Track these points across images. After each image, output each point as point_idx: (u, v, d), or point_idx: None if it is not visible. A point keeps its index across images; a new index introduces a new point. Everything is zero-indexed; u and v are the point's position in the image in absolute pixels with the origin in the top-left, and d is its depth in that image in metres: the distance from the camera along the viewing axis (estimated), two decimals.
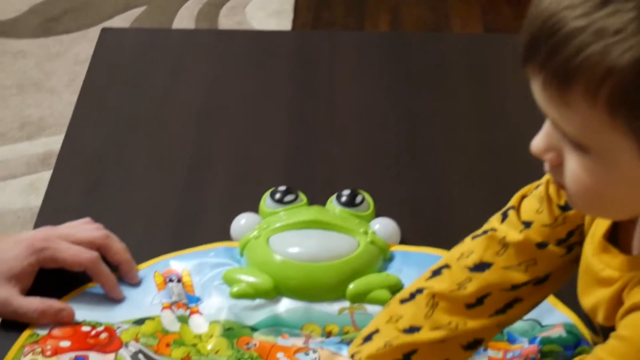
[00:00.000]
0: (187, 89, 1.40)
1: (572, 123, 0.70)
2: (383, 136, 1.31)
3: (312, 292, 1.04)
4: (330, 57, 1.47)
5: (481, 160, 1.27)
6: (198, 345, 0.97)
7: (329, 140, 1.30)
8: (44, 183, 1.24)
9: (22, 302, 0.99)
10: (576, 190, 0.73)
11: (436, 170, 1.25)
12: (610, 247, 0.80)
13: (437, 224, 1.16)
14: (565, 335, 0.98)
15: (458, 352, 0.89)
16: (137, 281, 1.06)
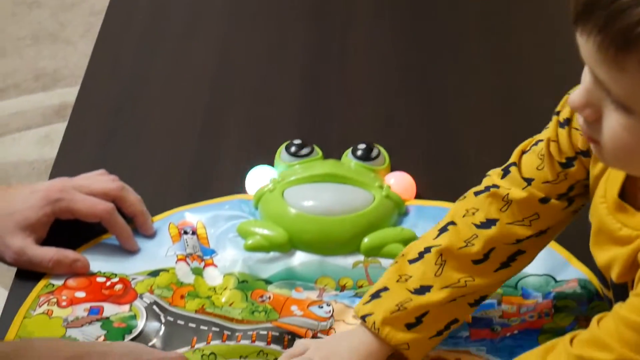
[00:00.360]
0: (203, 41, 1.40)
1: (622, 85, 0.70)
2: (399, 91, 1.30)
3: (326, 245, 1.04)
4: (344, 15, 1.46)
5: (497, 114, 1.26)
6: (212, 297, 0.98)
7: (344, 96, 1.29)
8: (59, 134, 1.24)
9: (37, 252, 1.00)
10: (613, 147, 0.73)
11: (452, 125, 1.24)
12: (627, 206, 0.80)
13: (453, 178, 1.15)
14: (580, 290, 0.98)
15: (465, 310, 0.90)
16: (152, 233, 1.06)
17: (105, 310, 0.96)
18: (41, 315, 0.95)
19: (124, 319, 0.94)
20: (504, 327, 0.94)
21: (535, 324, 0.95)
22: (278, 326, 0.94)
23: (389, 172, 1.12)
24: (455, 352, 0.92)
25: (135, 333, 0.93)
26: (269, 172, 1.11)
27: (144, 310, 0.95)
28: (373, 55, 1.37)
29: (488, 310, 0.96)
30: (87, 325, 0.93)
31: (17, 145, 2.31)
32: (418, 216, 1.08)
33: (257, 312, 0.96)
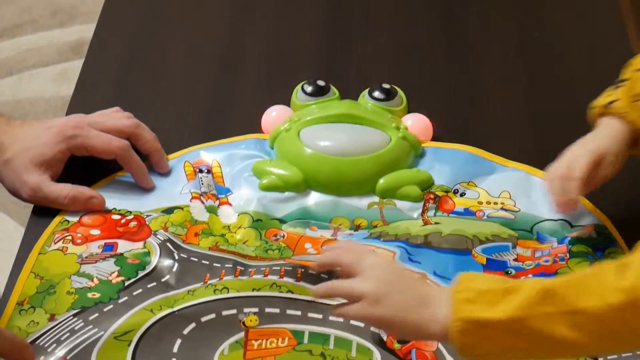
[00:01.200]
0: None
1: None
2: (418, 33, 1.29)
3: (341, 186, 1.03)
4: None
5: (517, 58, 1.25)
6: (226, 235, 0.98)
7: (363, 36, 1.27)
8: (75, 71, 1.24)
9: (53, 188, 1.00)
10: None
11: (471, 68, 1.22)
12: None
13: (470, 121, 1.14)
14: (595, 236, 0.98)
15: None
16: (167, 170, 1.06)
17: (120, 246, 0.96)
18: (56, 252, 0.95)
19: (138, 255, 0.95)
20: (518, 271, 0.94)
21: (549, 268, 0.95)
22: (291, 262, 0.94)
23: (406, 114, 1.11)
24: None
25: (148, 269, 0.93)
26: (285, 112, 1.11)
27: (158, 247, 0.95)
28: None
29: (503, 253, 0.96)
30: (101, 262, 0.94)
31: (34, 81, 2.31)
32: (434, 158, 1.07)
33: (270, 250, 0.96)
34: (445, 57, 1.24)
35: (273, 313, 0.89)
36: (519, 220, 1.01)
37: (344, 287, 0.79)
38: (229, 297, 0.90)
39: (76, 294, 0.90)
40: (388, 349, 0.87)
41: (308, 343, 0.86)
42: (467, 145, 1.09)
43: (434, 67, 1.21)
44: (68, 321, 0.88)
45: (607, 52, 1.24)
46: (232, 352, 0.86)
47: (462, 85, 1.20)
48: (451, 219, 1.01)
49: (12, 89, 2.30)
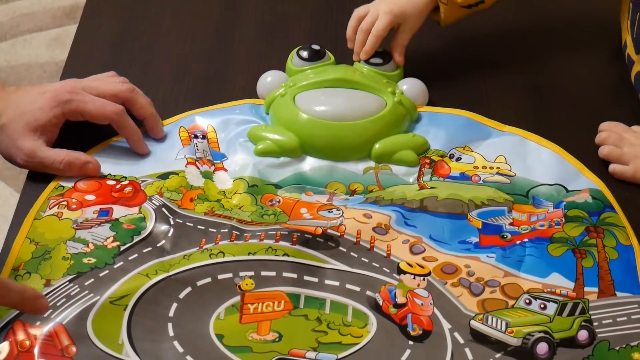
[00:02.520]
0: None
1: None
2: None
3: (337, 151, 1.03)
4: None
5: (515, 22, 1.24)
6: (222, 200, 0.98)
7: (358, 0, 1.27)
8: (69, 37, 1.23)
9: (48, 153, 0.99)
10: None
11: (468, 32, 1.22)
12: None
13: (466, 85, 1.14)
14: (591, 201, 0.98)
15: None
16: (162, 136, 1.05)
17: (115, 212, 0.96)
18: (51, 217, 0.95)
19: (133, 220, 0.94)
20: (513, 235, 0.94)
21: (545, 232, 0.95)
22: (287, 227, 0.94)
23: (402, 78, 1.11)
24: (465, 257, 0.92)
25: (144, 234, 0.93)
26: (280, 77, 1.10)
27: (153, 212, 0.95)
28: None
29: (498, 217, 0.96)
30: (97, 227, 0.94)
31: (28, 47, 2.30)
32: (430, 123, 1.07)
33: (266, 215, 0.96)
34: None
35: (269, 276, 0.89)
36: (515, 184, 1.01)
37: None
38: (225, 261, 0.90)
39: (72, 259, 0.90)
40: (384, 314, 0.87)
41: (304, 307, 0.87)
42: (462, 110, 1.08)
43: (430, 32, 1.20)
44: (64, 287, 0.88)
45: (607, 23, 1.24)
46: (228, 316, 0.86)
47: (458, 50, 1.20)
48: (447, 183, 1.01)
49: (6, 55, 2.29)
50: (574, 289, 0.89)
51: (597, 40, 1.21)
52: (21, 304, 0.83)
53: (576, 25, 1.23)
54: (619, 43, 1.18)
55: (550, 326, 0.86)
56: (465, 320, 0.86)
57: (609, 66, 1.18)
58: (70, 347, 0.82)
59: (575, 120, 1.09)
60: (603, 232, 0.95)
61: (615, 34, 1.19)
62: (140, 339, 0.83)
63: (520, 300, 0.88)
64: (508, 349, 0.84)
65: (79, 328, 0.83)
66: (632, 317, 0.87)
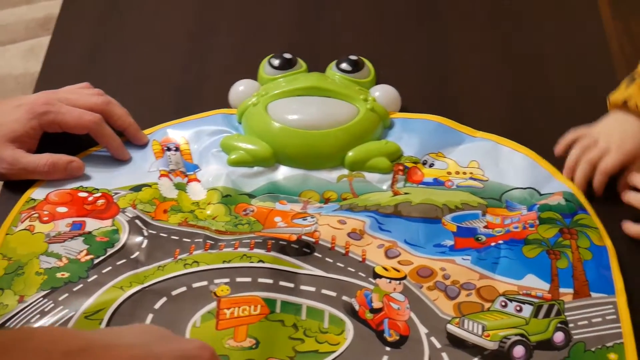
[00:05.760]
0: None
1: None
2: (386, 3, 1.28)
3: (310, 159, 1.03)
4: None
5: (487, 28, 1.24)
6: (195, 211, 0.97)
7: (330, 5, 1.27)
8: (43, 48, 1.22)
9: (30, 159, 0.99)
10: None
11: (440, 37, 1.22)
12: None
13: (439, 91, 1.14)
14: (564, 203, 0.98)
15: None
16: (146, 141, 1.05)
17: (88, 225, 0.95)
18: (23, 232, 0.94)
19: (106, 233, 0.94)
20: (488, 237, 0.95)
21: (519, 234, 0.95)
22: (261, 235, 0.94)
23: (374, 85, 1.11)
24: (440, 260, 0.92)
25: (117, 247, 0.92)
26: (252, 86, 1.10)
27: (127, 224, 0.95)
28: None
29: (473, 221, 0.97)
30: (70, 240, 0.93)
31: (2, 58, 2.28)
32: (403, 129, 1.07)
33: (240, 225, 0.96)
34: (414, 27, 1.24)
35: (244, 282, 0.88)
36: (488, 189, 1.01)
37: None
38: (200, 270, 0.89)
39: (45, 274, 0.89)
40: (360, 319, 0.86)
41: (280, 312, 0.86)
42: (435, 115, 1.09)
43: (402, 38, 1.21)
44: (38, 302, 0.87)
45: (579, 25, 1.25)
46: (205, 322, 0.85)
47: (430, 55, 1.20)
48: (420, 189, 1.01)
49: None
50: (549, 290, 0.89)
51: (575, 43, 1.22)
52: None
53: (552, 35, 1.24)
54: (597, 46, 1.19)
55: (526, 329, 0.86)
56: (442, 324, 0.86)
57: (586, 68, 1.18)
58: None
59: (548, 124, 1.10)
60: (577, 234, 0.95)
61: (594, 36, 1.19)
62: None
63: (496, 303, 0.88)
64: (485, 353, 0.84)
65: None
66: (607, 318, 0.87)
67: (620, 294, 0.89)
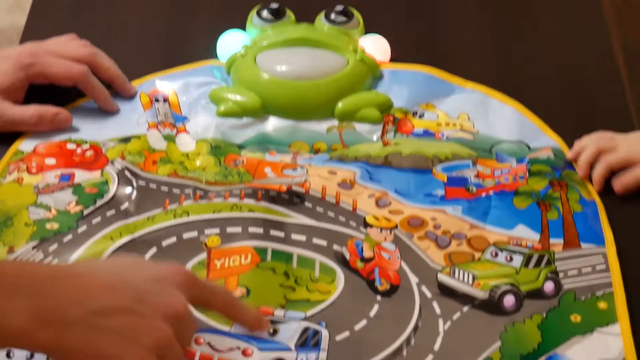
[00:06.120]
0: None
1: None
2: None
3: (300, 110, 1.03)
4: None
5: None
6: (185, 162, 0.97)
7: None
8: (29, 1, 1.21)
9: (17, 110, 0.98)
10: None
11: None
12: None
13: (429, 41, 1.14)
14: (553, 158, 0.98)
15: None
16: (134, 93, 1.05)
17: (77, 176, 0.95)
18: (12, 183, 0.94)
19: (96, 184, 0.93)
20: (478, 188, 0.95)
21: (510, 186, 0.95)
22: (251, 186, 0.94)
23: (363, 35, 1.10)
24: (431, 210, 0.92)
25: (107, 198, 0.92)
26: (240, 37, 1.09)
27: (116, 176, 0.95)
28: None
29: (463, 170, 0.96)
30: (59, 192, 0.93)
31: None
32: (393, 80, 1.07)
33: (230, 176, 0.95)
34: None
35: (234, 232, 0.88)
36: (478, 141, 1.01)
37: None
38: (190, 221, 0.89)
39: (34, 225, 0.89)
40: (351, 268, 0.86)
41: (271, 261, 0.86)
42: (425, 65, 1.08)
43: None
44: (27, 253, 0.86)
45: None
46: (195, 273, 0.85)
47: (420, 5, 1.19)
48: (411, 140, 1.01)
49: None
50: (539, 240, 0.89)
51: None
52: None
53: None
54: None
55: (517, 278, 0.86)
56: (433, 274, 0.86)
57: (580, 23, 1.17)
58: None
59: (538, 76, 1.09)
60: (567, 186, 0.95)
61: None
62: None
63: (486, 253, 0.88)
64: (475, 302, 0.84)
65: None
66: (597, 268, 0.87)
67: (610, 245, 0.89)
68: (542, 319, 0.82)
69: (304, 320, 0.81)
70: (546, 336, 0.81)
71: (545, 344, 0.80)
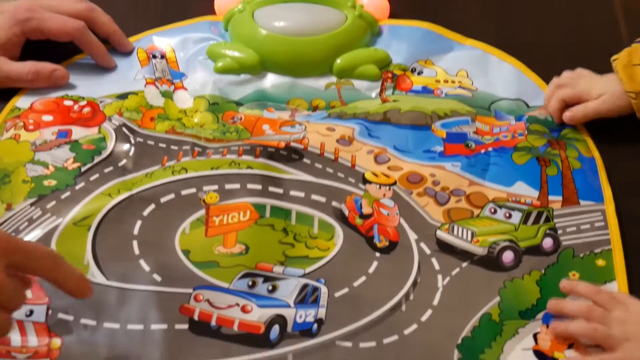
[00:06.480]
0: None
1: None
2: None
3: (298, 66, 1.02)
4: None
5: None
6: (183, 119, 0.97)
7: None
8: None
9: (13, 66, 0.98)
10: None
11: None
12: None
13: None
14: (551, 118, 0.98)
15: None
16: (131, 49, 1.04)
17: (74, 133, 0.94)
18: (9, 140, 0.93)
19: (93, 141, 0.93)
20: (478, 145, 0.94)
21: (509, 143, 0.95)
22: (250, 143, 0.93)
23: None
24: (430, 166, 0.92)
25: (104, 154, 0.92)
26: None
27: (113, 132, 0.94)
28: None
29: (462, 126, 0.96)
30: (56, 148, 0.92)
31: None
32: (392, 36, 1.06)
33: (228, 133, 0.95)
34: None
35: (233, 189, 0.88)
36: (477, 98, 1.01)
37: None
38: (188, 177, 0.89)
39: (32, 182, 0.89)
40: (350, 225, 0.87)
41: (270, 217, 0.86)
42: (424, 21, 1.07)
43: None
44: (25, 210, 0.86)
45: None
46: (194, 229, 0.85)
47: None
48: (409, 97, 1.00)
49: None
50: (538, 197, 0.89)
51: None
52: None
53: None
54: None
55: (516, 235, 0.86)
56: (431, 230, 0.86)
57: None
58: None
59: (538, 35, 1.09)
60: (565, 145, 0.95)
61: None
62: (106, 258, 0.82)
63: (485, 210, 0.88)
64: (474, 258, 0.84)
65: None
66: (596, 225, 0.87)
67: (608, 202, 0.89)
68: (541, 275, 0.82)
69: (303, 277, 0.81)
70: (545, 292, 0.81)
71: (543, 300, 0.80)
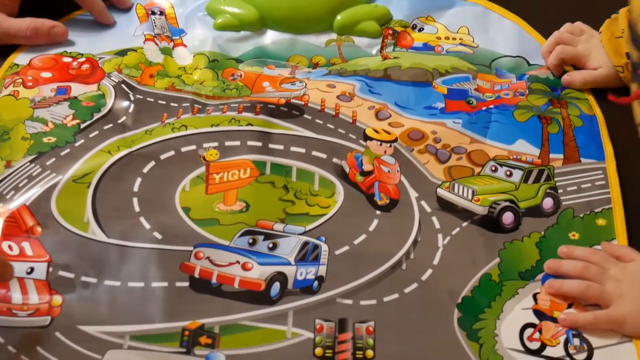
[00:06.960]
0: None
1: None
2: None
3: (298, 23, 1.02)
4: None
5: None
6: (182, 76, 0.96)
7: None
8: None
9: (12, 22, 0.97)
10: None
11: None
12: None
13: None
14: (552, 77, 0.98)
15: None
16: (130, 5, 1.04)
17: (73, 90, 0.94)
18: (7, 97, 0.93)
19: (92, 97, 0.93)
20: (479, 102, 0.94)
21: (510, 101, 0.95)
22: (250, 100, 0.93)
23: None
24: (431, 123, 0.92)
25: (104, 111, 0.91)
26: None
27: (113, 89, 0.94)
28: None
29: (463, 83, 0.96)
30: (55, 105, 0.92)
31: None
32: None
33: (228, 90, 0.95)
34: None
35: (233, 146, 0.88)
36: (478, 55, 1.00)
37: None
38: (188, 134, 0.89)
39: (31, 139, 0.88)
40: (351, 182, 0.86)
41: (270, 174, 0.86)
42: None
43: None
44: (25, 167, 0.86)
45: None
46: (194, 186, 0.85)
47: None
48: (410, 54, 1.00)
49: None
50: (539, 155, 0.89)
51: None
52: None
53: None
54: None
55: (516, 194, 0.86)
56: (432, 188, 0.86)
57: None
58: (35, 228, 0.81)
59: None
60: (566, 104, 0.95)
61: None
62: (106, 215, 0.82)
63: (486, 168, 0.88)
64: (474, 218, 0.84)
65: (43, 208, 0.82)
66: (596, 184, 0.87)
67: (610, 160, 0.89)
68: (541, 237, 0.83)
69: (303, 235, 0.81)
70: (544, 254, 0.81)
71: (543, 262, 0.80)
